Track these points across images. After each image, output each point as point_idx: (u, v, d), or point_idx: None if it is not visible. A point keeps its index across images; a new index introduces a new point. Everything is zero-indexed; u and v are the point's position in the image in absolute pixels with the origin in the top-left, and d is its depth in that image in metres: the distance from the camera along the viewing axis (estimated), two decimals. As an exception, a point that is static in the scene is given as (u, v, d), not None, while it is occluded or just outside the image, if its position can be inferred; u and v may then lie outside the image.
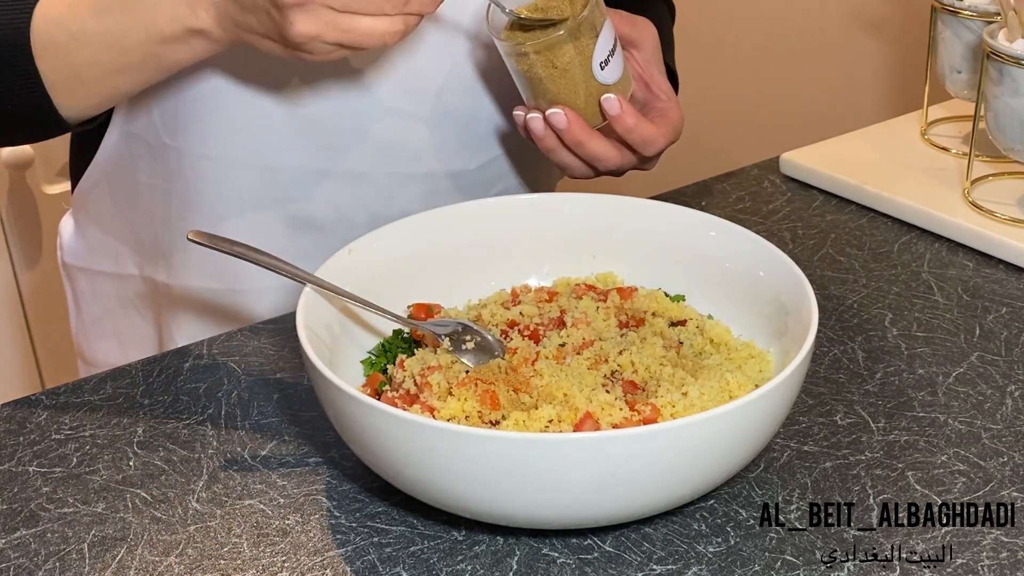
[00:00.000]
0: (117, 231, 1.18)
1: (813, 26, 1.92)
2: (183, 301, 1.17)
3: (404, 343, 0.94)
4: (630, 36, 1.06)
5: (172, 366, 1.01)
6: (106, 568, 0.80)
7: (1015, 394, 0.95)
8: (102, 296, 1.23)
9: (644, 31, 1.07)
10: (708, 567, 0.78)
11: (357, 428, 0.79)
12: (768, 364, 0.90)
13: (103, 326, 1.25)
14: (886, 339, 1.03)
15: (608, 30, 0.98)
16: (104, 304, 1.24)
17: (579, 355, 0.89)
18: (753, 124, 2.02)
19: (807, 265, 1.14)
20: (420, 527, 0.82)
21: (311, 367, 0.81)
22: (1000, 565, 0.78)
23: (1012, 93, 1.12)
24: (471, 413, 0.83)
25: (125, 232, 1.18)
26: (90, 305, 1.25)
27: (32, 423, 0.94)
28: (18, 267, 2.00)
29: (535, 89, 0.99)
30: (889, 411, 0.93)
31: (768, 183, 1.32)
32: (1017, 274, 1.13)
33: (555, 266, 1.03)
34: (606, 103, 0.98)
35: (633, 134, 1.00)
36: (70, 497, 0.86)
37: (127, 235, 1.18)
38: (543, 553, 0.80)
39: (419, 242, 1.00)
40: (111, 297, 1.23)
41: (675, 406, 0.82)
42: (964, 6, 1.25)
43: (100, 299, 1.24)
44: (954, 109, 1.41)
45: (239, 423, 0.94)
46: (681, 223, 1.00)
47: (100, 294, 1.23)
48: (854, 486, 0.85)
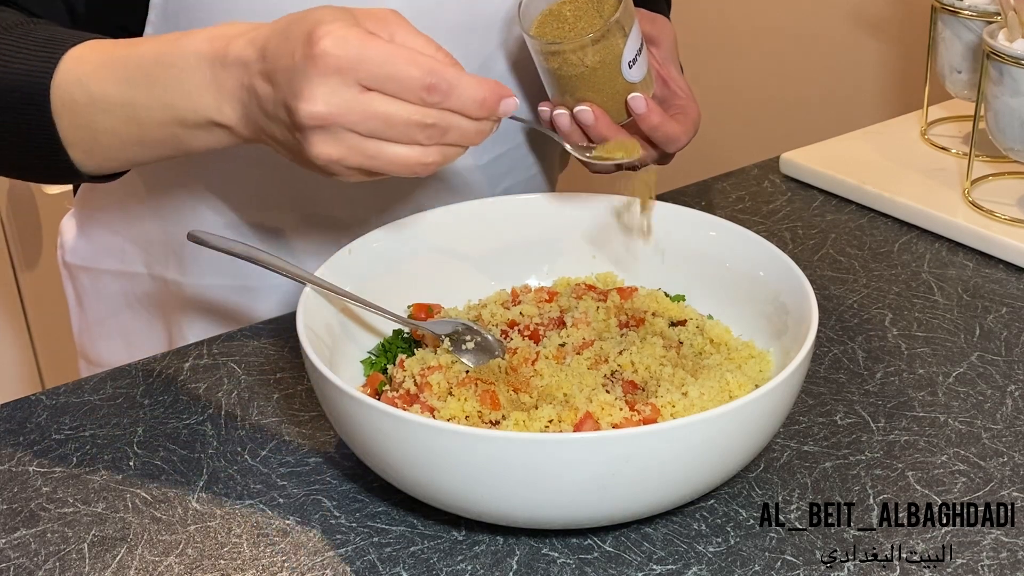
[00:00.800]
0: (124, 229, 1.18)
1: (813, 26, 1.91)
2: (194, 298, 1.17)
3: (404, 343, 0.94)
4: (650, 34, 1.06)
5: (172, 366, 1.01)
6: (106, 568, 0.80)
7: (1015, 394, 0.95)
8: (107, 295, 1.23)
9: (662, 29, 1.08)
10: (708, 567, 0.78)
11: (357, 428, 0.79)
12: (768, 364, 0.90)
13: (108, 326, 1.25)
14: (886, 339, 1.03)
15: (636, 30, 0.99)
16: (110, 303, 1.23)
17: (579, 355, 0.89)
18: (753, 124, 2.02)
19: (807, 265, 1.14)
20: (420, 527, 0.82)
21: (311, 367, 0.81)
22: (1000, 565, 0.78)
23: (1012, 93, 1.12)
24: (471, 413, 0.83)
25: (132, 230, 1.18)
26: (95, 305, 1.25)
27: (32, 423, 0.94)
28: (18, 267, 2.00)
29: (563, 86, 1.00)
30: (889, 411, 0.93)
31: (768, 183, 1.32)
32: (1017, 274, 1.13)
33: (555, 266, 1.03)
34: (633, 102, 0.99)
35: (658, 132, 1.01)
36: (70, 497, 0.86)
37: (134, 233, 1.18)
38: (543, 553, 0.80)
39: (419, 242, 1.00)
40: (117, 296, 1.22)
41: (675, 406, 0.82)
42: (964, 6, 1.25)
43: (105, 298, 1.23)
44: (954, 109, 1.41)
45: (239, 423, 0.94)
46: (681, 223, 1.00)
47: (105, 293, 1.23)
48: (854, 486, 0.85)
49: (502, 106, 0.80)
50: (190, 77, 0.83)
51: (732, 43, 2.06)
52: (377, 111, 0.77)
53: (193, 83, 0.83)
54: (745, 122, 2.03)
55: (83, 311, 1.27)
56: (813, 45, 1.93)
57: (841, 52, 1.89)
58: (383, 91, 0.77)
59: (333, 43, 0.76)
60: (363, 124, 0.77)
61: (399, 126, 0.78)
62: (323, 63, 0.76)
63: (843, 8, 1.84)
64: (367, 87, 0.77)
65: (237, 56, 0.80)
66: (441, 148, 0.80)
